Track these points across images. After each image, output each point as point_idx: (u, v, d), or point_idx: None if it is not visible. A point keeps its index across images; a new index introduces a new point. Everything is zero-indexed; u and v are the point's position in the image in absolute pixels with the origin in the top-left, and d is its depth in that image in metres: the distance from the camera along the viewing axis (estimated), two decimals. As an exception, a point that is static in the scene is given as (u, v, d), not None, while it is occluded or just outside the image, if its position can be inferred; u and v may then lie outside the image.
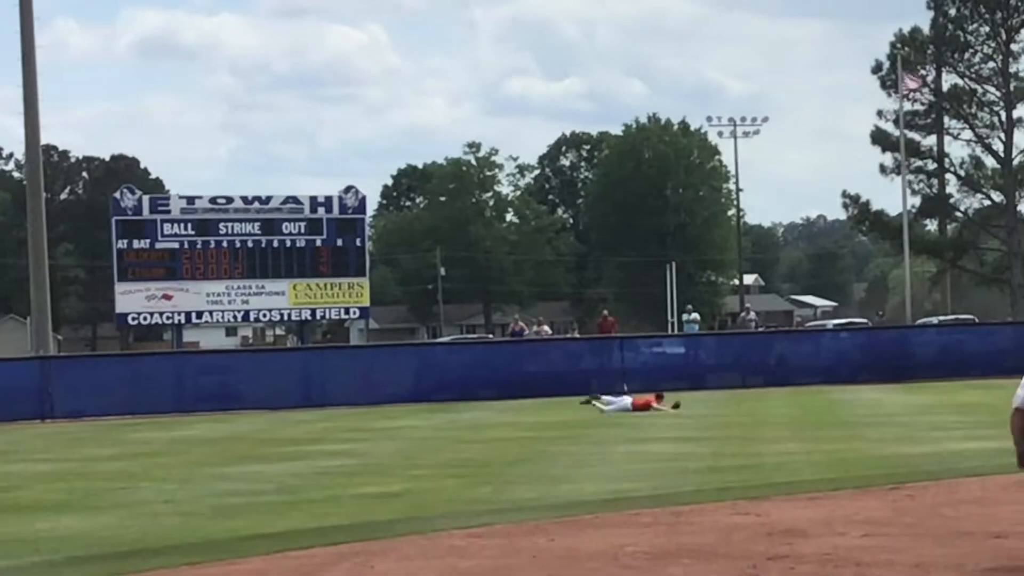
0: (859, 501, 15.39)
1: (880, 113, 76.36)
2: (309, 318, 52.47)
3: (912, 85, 67.06)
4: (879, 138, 75.73)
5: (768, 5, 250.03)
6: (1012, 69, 74.86)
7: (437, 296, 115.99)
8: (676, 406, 33.30)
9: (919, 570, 10.78)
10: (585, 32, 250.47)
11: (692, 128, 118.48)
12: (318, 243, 50.05)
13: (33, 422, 37.48)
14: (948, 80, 76.75)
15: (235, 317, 52.83)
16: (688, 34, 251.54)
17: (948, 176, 77.16)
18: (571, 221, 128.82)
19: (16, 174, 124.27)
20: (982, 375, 40.55)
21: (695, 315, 58.33)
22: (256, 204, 50.06)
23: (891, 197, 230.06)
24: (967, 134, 76.00)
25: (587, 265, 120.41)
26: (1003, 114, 74.91)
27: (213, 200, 50.18)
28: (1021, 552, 11.53)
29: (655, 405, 33.57)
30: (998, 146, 75.22)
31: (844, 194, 77.44)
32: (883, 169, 75.48)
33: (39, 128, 41.37)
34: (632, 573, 11.23)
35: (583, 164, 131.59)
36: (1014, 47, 74.71)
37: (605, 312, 61.87)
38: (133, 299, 48.82)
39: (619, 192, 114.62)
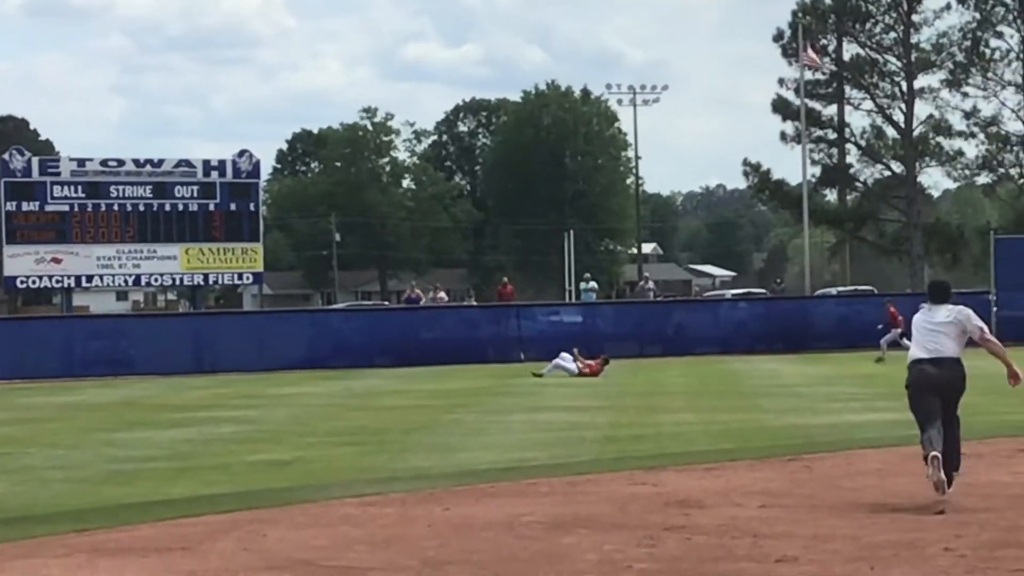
0: (756, 472, 15.39)
1: (781, 82, 76.72)
2: (201, 283, 51.84)
3: (812, 60, 67.44)
4: (780, 107, 76.08)
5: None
6: (913, 40, 75.43)
7: (332, 262, 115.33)
8: (606, 362, 33.95)
9: (816, 541, 10.75)
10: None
11: (592, 96, 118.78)
12: (211, 207, 49.43)
13: (-83, 386, 36.76)
14: (849, 50, 77.22)
15: (126, 281, 51.95)
16: (588, 0, 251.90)
17: (848, 146, 77.67)
18: (468, 188, 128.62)
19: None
20: (879, 346, 40.97)
21: (593, 283, 58.30)
22: (148, 167, 49.32)
23: (791, 166, 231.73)
24: (868, 104, 76.53)
25: (484, 232, 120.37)
26: (904, 84, 75.53)
27: (104, 163, 49.37)
28: (916, 523, 11.55)
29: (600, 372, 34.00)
30: (899, 117, 75.85)
31: (744, 163, 77.77)
32: (784, 138, 75.87)
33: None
34: (528, 543, 11.11)
35: (481, 131, 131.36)
36: (915, 18, 75.28)
37: (505, 279, 61.75)
38: (21, 262, 47.94)
39: (517, 159, 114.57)
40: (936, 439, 12.52)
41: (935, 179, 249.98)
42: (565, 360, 34.87)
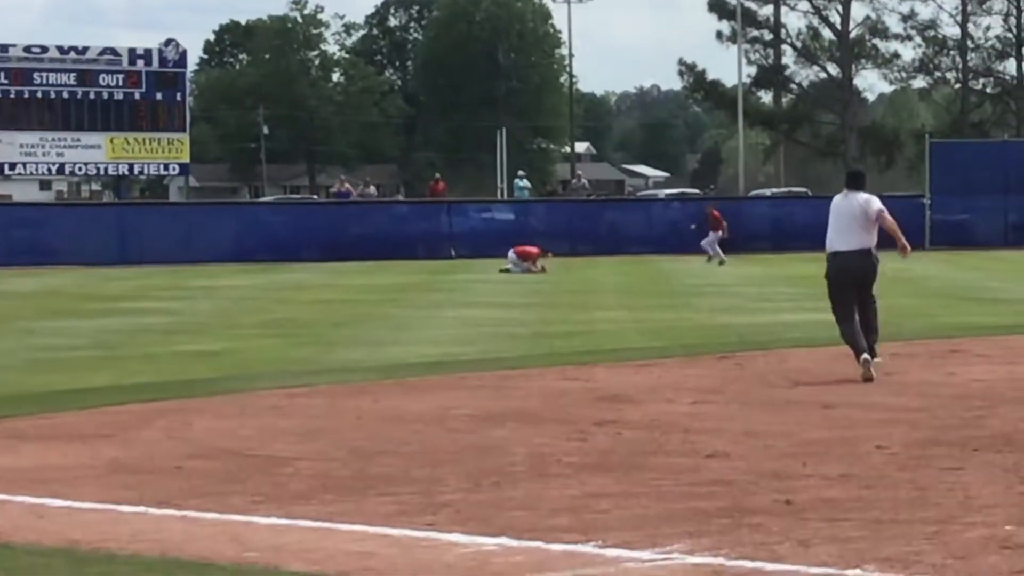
0: (688, 369, 15.38)
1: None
2: (127, 173, 51.16)
3: None
4: (716, 6, 75.68)
5: None
6: (852, -61, 75.32)
7: (260, 155, 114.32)
8: (543, 270, 33.98)
9: (748, 437, 10.71)
10: None
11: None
12: (136, 96, 48.62)
13: None
14: (787, -52, 77.03)
15: (49, 170, 51.21)
16: None
17: (784, 47, 77.65)
18: (399, 83, 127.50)
19: None
20: (813, 248, 41.02)
21: (526, 182, 58.09)
22: (72, 54, 48.41)
23: (727, 67, 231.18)
24: (804, 5, 76.32)
25: (415, 128, 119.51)
26: (842, -14, 75.42)
27: (27, 49, 48.42)
28: (848, 421, 11.53)
29: (535, 263, 34.26)
30: (835, 19, 75.73)
31: (680, 63, 77.63)
32: (720, 37, 75.55)
33: None
34: (458, 436, 11.03)
35: (412, 25, 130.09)
36: (855, -84, 75.13)
37: (437, 176, 61.38)
38: (-58, 148, 47.17)
39: (449, 55, 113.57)
40: (860, 337, 13.97)
41: (871, 82, 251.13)
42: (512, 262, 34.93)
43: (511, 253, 35.22)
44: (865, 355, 13.79)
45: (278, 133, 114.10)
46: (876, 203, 14.44)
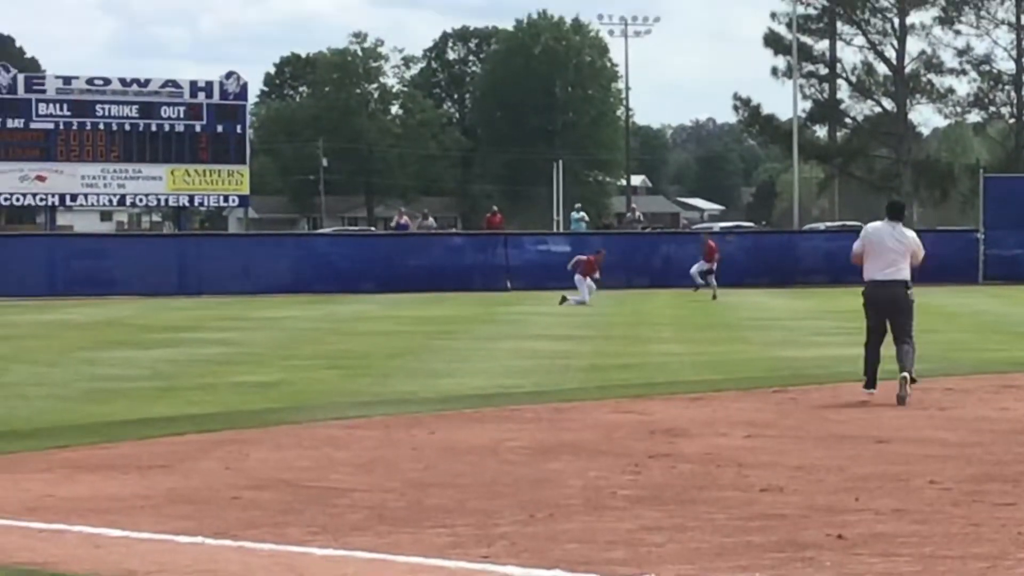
0: (742, 403, 15.37)
1: (774, 16, 76.50)
2: (187, 204, 51.58)
3: None
4: (772, 41, 75.82)
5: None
6: (906, -25, 75.15)
7: (319, 187, 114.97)
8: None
9: (801, 472, 10.71)
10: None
11: (583, 26, 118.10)
12: (197, 128, 49.07)
13: (-101, 301, 36.60)
14: (843, -15, 76.96)
15: (111, 201, 51.72)
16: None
17: (840, 82, 77.59)
18: (457, 116, 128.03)
19: None
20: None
21: (583, 214, 58.15)
22: (135, 86, 48.93)
23: (782, 101, 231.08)
24: (860, 40, 76.35)
25: (473, 161, 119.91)
26: (896, 20, 75.23)
27: (90, 81, 48.97)
28: (902, 456, 11.51)
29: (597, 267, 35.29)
30: (890, 53, 75.64)
31: (735, 97, 77.68)
32: (775, 72, 75.70)
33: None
34: (513, 468, 11.06)
35: (471, 59, 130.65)
36: (909, -47, 74.99)
37: (495, 208, 61.54)
38: (6, 179, 47.61)
39: (507, 88, 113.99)
40: (875, 369, 14.89)
41: (925, 116, 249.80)
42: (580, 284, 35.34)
43: (577, 277, 35.53)
44: (872, 390, 14.77)
45: (337, 165, 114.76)
46: (916, 238, 14.98)
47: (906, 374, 14.40)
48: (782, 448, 12.04)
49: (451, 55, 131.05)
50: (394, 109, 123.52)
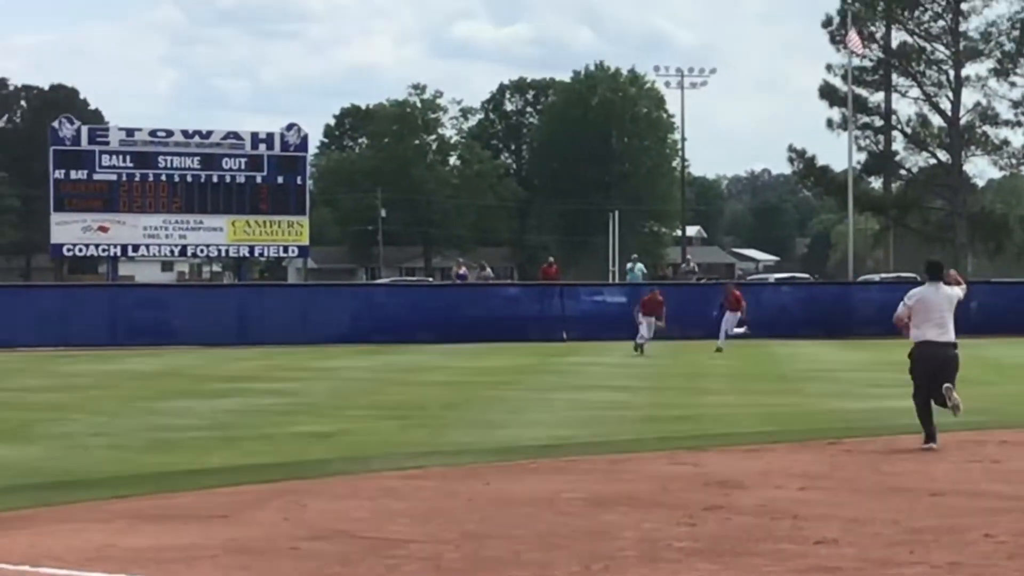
0: (797, 455, 15.38)
1: (829, 68, 76.58)
2: (247, 255, 52.01)
3: (860, 46, 67.02)
4: (827, 93, 75.84)
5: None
6: (961, 28, 75.05)
7: (377, 238, 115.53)
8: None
9: (855, 524, 10.73)
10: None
11: (640, 77, 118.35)
12: (258, 180, 49.48)
13: (-36, 351, 37.02)
14: (897, 37, 76.99)
15: (172, 252, 52.16)
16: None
17: (895, 133, 77.51)
18: (514, 167, 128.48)
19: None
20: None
21: (640, 265, 58.18)
22: (196, 138, 49.42)
23: (837, 153, 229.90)
24: (915, 92, 76.31)
25: (529, 212, 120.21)
26: (951, 73, 75.18)
27: (153, 133, 49.49)
28: (957, 509, 11.51)
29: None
30: (945, 105, 75.51)
31: (790, 148, 77.67)
32: (830, 124, 75.72)
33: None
34: (568, 519, 11.13)
35: (528, 110, 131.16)
36: (964, 6, 74.87)
37: (551, 259, 61.67)
38: (69, 230, 48.13)
39: (564, 139, 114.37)
40: (931, 421, 15.36)
41: (980, 168, 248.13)
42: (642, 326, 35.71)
43: (640, 318, 35.82)
44: (933, 444, 15.07)
45: (395, 216, 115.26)
46: (957, 291, 15.72)
47: (948, 384, 15.13)
48: (837, 500, 12.06)
49: (509, 106, 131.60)
50: (452, 160, 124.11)
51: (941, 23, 75.24)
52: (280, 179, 49.94)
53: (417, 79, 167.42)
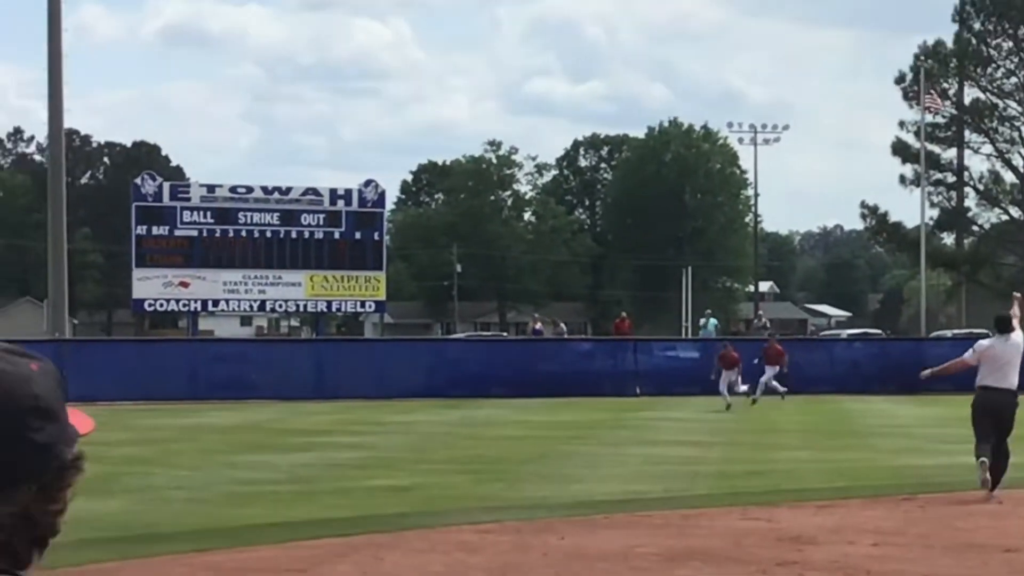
0: (869, 510, 15.39)
1: (902, 124, 76.45)
2: (325, 310, 52.46)
3: (933, 103, 66.88)
4: (899, 149, 75.67)
5: (792, 12, 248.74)
6: (1035, 84, 74.86)
7: (452, 293, 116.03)
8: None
9: (928, 581, 10.77)
10: (609, 34, 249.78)
11: (713, 134, 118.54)
12: (336, 235, 49.92)
13: (46, 404, 37.53)
14: (970, 94, 76.78)
15: (251, 306, 52.70)
16: (712, 39, 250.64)
17: (967, 190, 77.15)
18: (588, 222, 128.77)
19: (38, 157, 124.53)
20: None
21: (714, 320, 58.17)
22: (276, 194, 49.98)
23: (909, 209, 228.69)
24: (987, 148, 76.02)
25: (603, 267, 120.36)
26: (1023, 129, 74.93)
27: (233, 189, 50.10)
28: (1031, 566, 11.52)
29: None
30: (1018, 161, 75.20)
31: (862, 204, 77.53)
32: (903, 180, 75.51)
33: (63, 112, 41.32)
34: (641, 574, 11.24)
35: (602, 166, 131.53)
36: (1037, 64, 74.72)
37: (624, 314, 61.77)
38: (150, 285, 48.75)
39: (637, 195, 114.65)
40: (987, 450, 15.86)
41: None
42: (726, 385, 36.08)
43: (720, 372, 36.01)
44: (984, 458, 15.71)
45: (470, 271, 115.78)
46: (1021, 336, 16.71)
47: (984, 459, 15.71)
48: (910, 556, 12.10)
49: (583, 162, 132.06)
50: (527, 216, 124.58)
51: (1014, 80, 74.98)
52: (358, 235, 50.38)
53: (493, 135, 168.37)
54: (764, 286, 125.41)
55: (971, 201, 77.60)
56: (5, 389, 1.74)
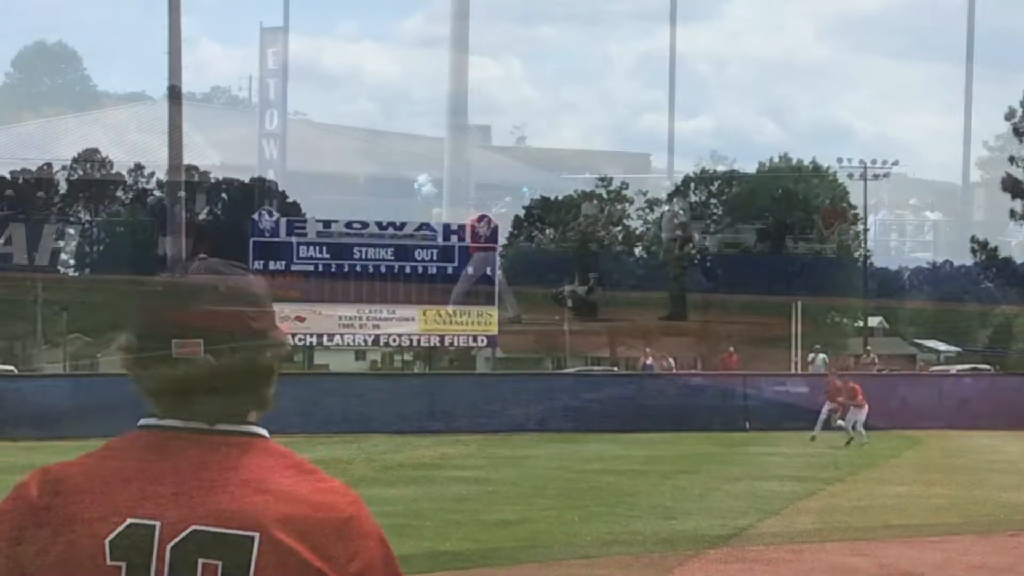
0: (979, 547, 15.47)
1: (1012, 160, 75.63)
2: (438, 344, 52.89)
3: None
4: (1009, 185, 74.94)
5: (899, 48, 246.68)
6: None
7: (563, 327, 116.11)
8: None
9: (1032, 617, 10.93)
10: (717, 70, 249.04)
11: (822, 169, 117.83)
12: (449, 271, 50.37)
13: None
14: (1082, 128, 75.96)
15: (366, 341, 53.25)
16: (820, 74, 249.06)
17: (1078, 225, 76.30)
18: (698, 257, 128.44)
19: (157, 192, 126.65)
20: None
21: (823, 355, 57.92)
22: (391, 230, 50.54)
23: (1020, 244, 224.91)
24: (1099, 183, 75.08)
25: (712, 302, 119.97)
26: None
27: (348, 224, 50.69)
28: None
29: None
30: None
31: (972, 239, 76.79)
32: (1012, 215, 74.70)
33: (182, 148, 42.22)
34: (747, 606, 11.48)
35: (712, 201, 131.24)
36: None
37: (731, 349, 61.71)
38: (266, 320, 49.36)
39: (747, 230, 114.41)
40: None
41: None
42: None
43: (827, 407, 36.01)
44: None
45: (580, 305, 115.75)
46: None
47: None
48: (1015, 593, 12.23)
49: (693, 198, 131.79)
50: (637, 251, 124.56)
51: None
52: (471, 270, 50.74)
53: (603, 171, 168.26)
54: (873, 321, 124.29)
55: (1082, 235, 76.73)
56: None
